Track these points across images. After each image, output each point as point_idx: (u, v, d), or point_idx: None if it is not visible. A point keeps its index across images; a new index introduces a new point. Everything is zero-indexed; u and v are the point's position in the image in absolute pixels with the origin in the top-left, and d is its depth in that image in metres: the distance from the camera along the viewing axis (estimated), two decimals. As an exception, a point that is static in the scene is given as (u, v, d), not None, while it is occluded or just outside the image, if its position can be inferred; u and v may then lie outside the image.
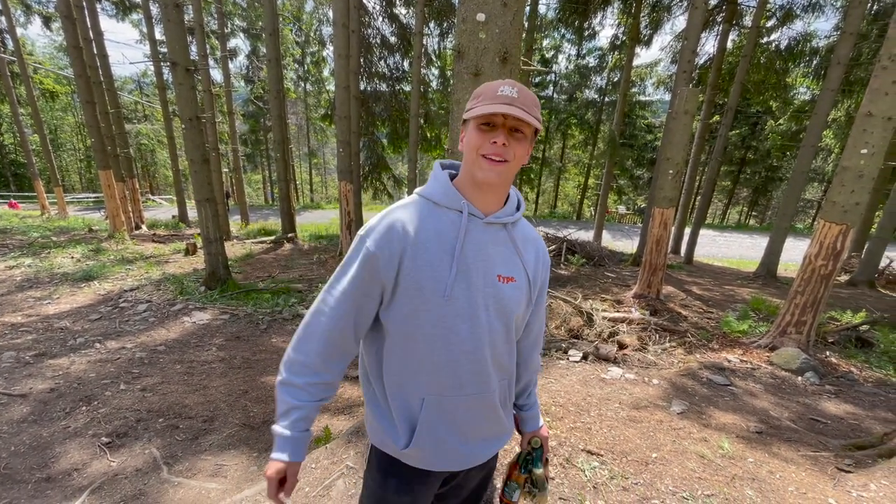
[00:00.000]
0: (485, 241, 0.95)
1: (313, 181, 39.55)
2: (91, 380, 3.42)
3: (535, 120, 0.87)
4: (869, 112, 3.85)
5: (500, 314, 0.96)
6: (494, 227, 0.96)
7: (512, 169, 0.90)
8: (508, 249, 0.98)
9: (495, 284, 0.95)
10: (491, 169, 0.88)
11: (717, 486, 2.19)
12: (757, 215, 31.94)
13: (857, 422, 3.08)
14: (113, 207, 9.95)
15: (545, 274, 1.08)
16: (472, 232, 0.93)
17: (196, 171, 5.77)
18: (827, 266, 4.11)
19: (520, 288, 0.99)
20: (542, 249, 1.07)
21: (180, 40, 5.42)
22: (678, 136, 5.74)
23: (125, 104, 29.06)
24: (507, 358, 1.04)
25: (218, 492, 2.25)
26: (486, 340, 0.96)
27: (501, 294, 0.96)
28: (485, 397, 1.02)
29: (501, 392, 1.06)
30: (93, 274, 6.53)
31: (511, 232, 0.99)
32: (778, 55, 11.02)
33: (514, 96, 0.86)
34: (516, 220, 1.00)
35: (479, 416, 1.04)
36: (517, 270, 0.99)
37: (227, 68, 13.15)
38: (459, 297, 0.91)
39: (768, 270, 9.08)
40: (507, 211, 0.98)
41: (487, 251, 0.95)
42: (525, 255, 1.01)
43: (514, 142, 0.88)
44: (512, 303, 0.97)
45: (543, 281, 1.08)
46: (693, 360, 4.10)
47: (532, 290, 1.02)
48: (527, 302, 1.01)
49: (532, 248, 1.04)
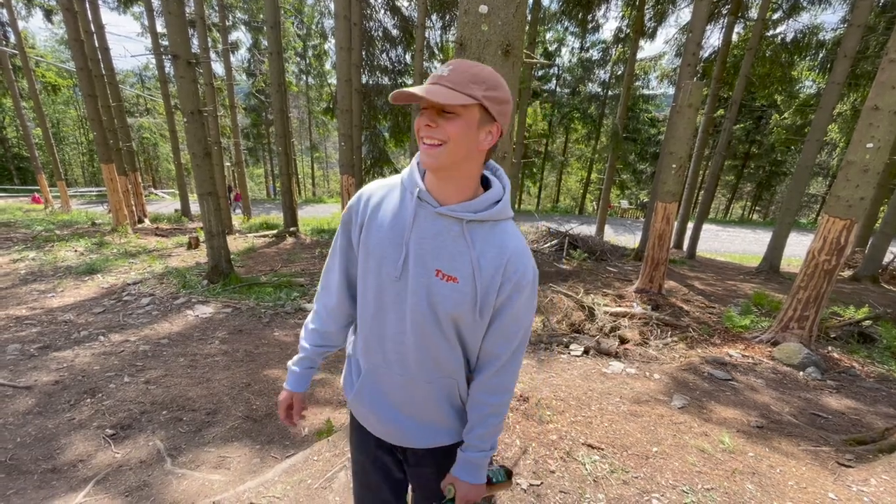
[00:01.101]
0: (432, 231, 0.91)
1: (315, 175, 39.52)
2: (95, 372, 3.45)
3: (455, 96, 0.78)
4: (875, 106, 3.81)
5: (431, 307, 0.92)
6: (448, 220, 0.90)
7: (451, 151, 0.82)
8: (459, 247, 0.90)
9: (430, 277, 0.91)
10: (425, 153, 0.84)
11: (717, 480, 2.20)
12: (760, 210, 31.81)
13: (858, 417, 3.08)
14: (116, 201, 9.97)
15: (512, 296, 0.92)
16: (420, 217, 0.92)
17: (198, 165, 5.76)
18: (830, 261, 4.09)
19: (461, 291, 0.90)
20: (516, 269, 0.91)
21: (181, 33, 5.40)
22: (682, 130, 5.70)
23: (127, 98, 29.02)
24: (445, 357, 0.98)
25: (221, 483, 2.27)
26: (410, 329, 0.95)
27: (434, 289, 0.91)
28: (418, 385, 1.00)
29: (447, 389, 1.02)
30: (96, 267, 6.56)
31: (469, 230, 0.90)
32: (784, 48, 10.91)
33: (444, 74, 0.80)
34: (479, 219, 0.90)
35: (417, 400, 1.03)
36: (463, 272, 0.90)
37: (228, 61, 13.12)
38: (406, 282, 0.93)
39: (771, 265, 9.05)
40: (472, 206, 0.90)
41: (432, 242, 0.91)
42: (481, 260, 0.90)
43: (443, 122, 0.81)
44: (447, 301, 0.91)
45: (504, 303, 0.93)
46: (694, 354, 4.10)
47: (478, 301, 0.90)
48: (470, 308, 0.91)
49: (496, 259, 0.90)
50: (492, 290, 0.91)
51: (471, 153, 0.85)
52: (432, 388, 1.01)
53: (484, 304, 0.91)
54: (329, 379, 3.60)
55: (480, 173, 0.93)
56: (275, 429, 2.86)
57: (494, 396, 1.00)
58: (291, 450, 2.60)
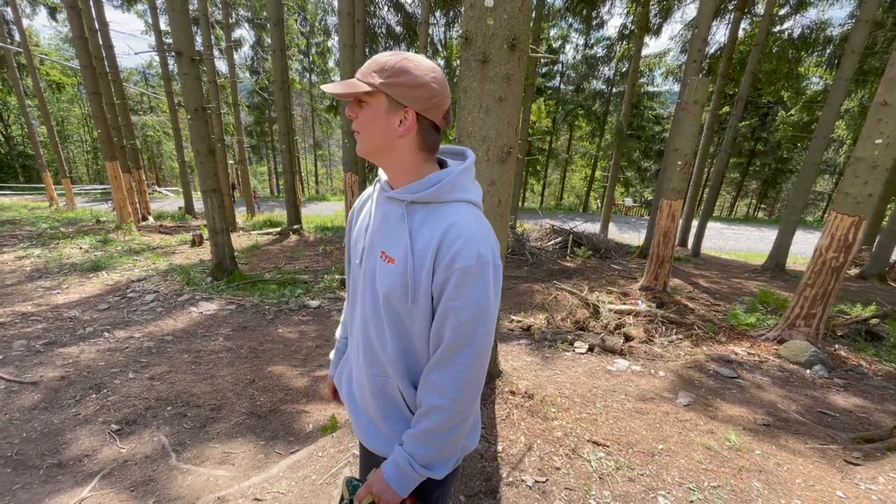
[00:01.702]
0: (382, 214, 0.94)
1: (319, 173, 39.55)
2: (100, 368, 3.46)
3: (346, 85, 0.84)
4: (884, 101, 3.76)
5: (373, 290, 0.93)
6: (394, 203, 0.92)
7: (364, 139, 0.88)
8: (400, 229, 0.89)
9: (376, 258, 0.93)
10: (356, 143, 0.91)
11: (723, 478, 2.18)
12: (766, 208, 31.61)
13: (866, 415, 3.05)
14: (120, 199, 10.01)
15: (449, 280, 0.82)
16: (378, 203, 0.96)
17: (202, 163, 5.77)
18: (838, 258, 4.06)
19: (395, 272, 0.87)
20: (450, 248, 0.82)
21: (185, 30, 5.40)
22: (687, 127, 5.65)
23: (131, 95, 29.10)
24: (378, 343, 0.95)
25: (226, 479, 2.28)
26: (359, 313, 0.99)
27: (377, 271, 0.92)
28: (364, 378, 1.00)
29: (387, 391, 0.97)
30: (101, 264, 6.59)
31: (409, 211, 0.89)
32: (791, 44, 10.81)
33: (360, 69, 0.86)
34: (420, 199, 0.87)
35: (366, 395, 1.02)
36: (399, 253, 0.88)
37: (231, 59, 13.12)
38: (363, 264, 0.97)
39: (777, 263, 8.99)
40: (411, 188, 0.89)
41: (380, 224, 0.94)
42: (415, 241, 0.86)
43: (360, 112, 0.87)
44: (383, 283, 0.89)
45: (440, 289, 0.84)
46: (700, 352, 4.08)
47: (409, 283, 0.86)
48: (402, 291, 0.87)
49: (429, 238, 0.85)
50: (425, 273, 0.85)
51: (389, 140, 0.87)
52: (376, 386, 0.98)
53: (416, 287, 0.86)
54: (333, 375, 3.60)
55: (418, 161, 0.90)
56: (279, 425, 2.86)
57: (430, 396, 0.89)
58: (296, 446, 2.60)
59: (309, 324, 4.85)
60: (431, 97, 0.84)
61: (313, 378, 3.54)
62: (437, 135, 0.90)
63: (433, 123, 0.88)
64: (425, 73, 0.83)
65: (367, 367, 0.98)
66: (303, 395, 3.26)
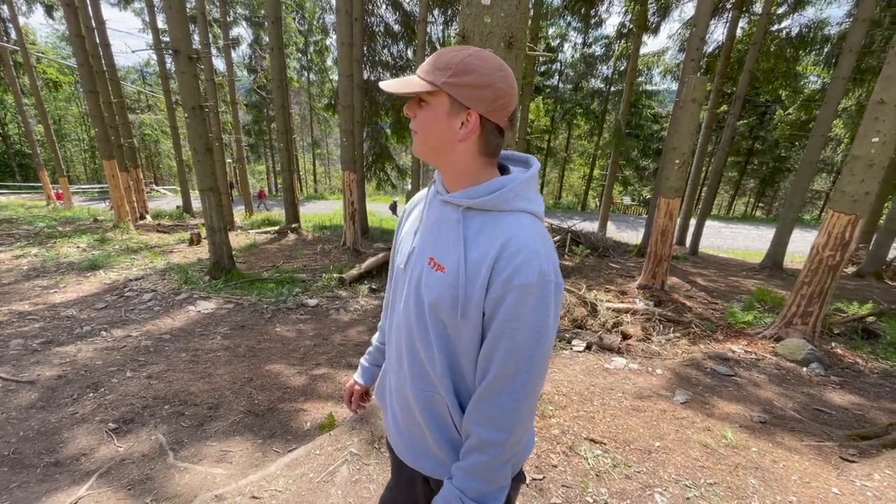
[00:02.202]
0: (434, 218, 0.89)
1: (317, 171, 39.51)
2: (98, 367, 3.46)
3: (407, 84, 0.79)
4: (881, 100, 3.77)
5: (418, 298, 0.87)
6: (449, 207, 0.85)
7: (421, 141, 0.83)
8: (454, 235, 0.83)
9: (423, 265, 0.87)
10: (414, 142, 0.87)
11: (719, 475, 2.19)
12: (763, 206, 31.69)
13: (861, 412, 3.07)
14: (117, 197, 9.99)
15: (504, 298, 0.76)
16: (431, 206, 0.91)
17: (199, 161, 5.76)
18: (835, 256, 4.07)
19: (445, 282, 0.81)
20: (508, 264, 0.75)
21: (182, 28, 5.38)
22: (685, 126, 5.66)
23: (128, 94, 29.02)
24: (425, 356, 0.88)
25: (223, 477, 2.28)
26: (403, 322, 0.92)
27: (424, 279, 0.85)
28: (408, 393, 0.93)
29: (435, 408, 0.90)
30: (98, 263, 6.58)
31: (466, 218, 0.83)
32: (788, 43, 10.82)
33: (422, 64, 0.81)
34: (477, 206, 0.81)
35: (409, 411, 0.95)
36: (451, 262, 0.81)
37: (229, 57, 13.09)
38: (411, 273, 0.91)
39: (774, 262, 9.02)
40: (470, 192, 0.82)
41: (432, 229, 0.88)
42: (470, 251, 0.80)
43: (419, 112, 0.82)
44: (431, 291, 0.83)
45: (496, 307, 0.77)
46: (697, 350, 4.09)
47: (460, 297, 0.79)
48: (451, 304, 0.80)
49: (486, 250, 0.78)
50: (478, 287, 0.78)
51: (448, 143, 0.81)
52: (421, 401, 0.91)
53: (467, 301, 0.79)
54: (331, 374, 3.61)
55: (478, 166, 0.83)
56: (276, 423, 2.86)
57: (482, 429, 0.81)
58: (293, 444, 2.61)
59: (307, 322, 4.85)
60: (497, 98, 0.77)
61: (311, 377, 3.55)
62: (501, 138, 0.83)
63: (497, 126, 0.81)
64: (492, 72, 0.77)
65: (413, 379, 0.91)
66: (301, 394, 3.26)
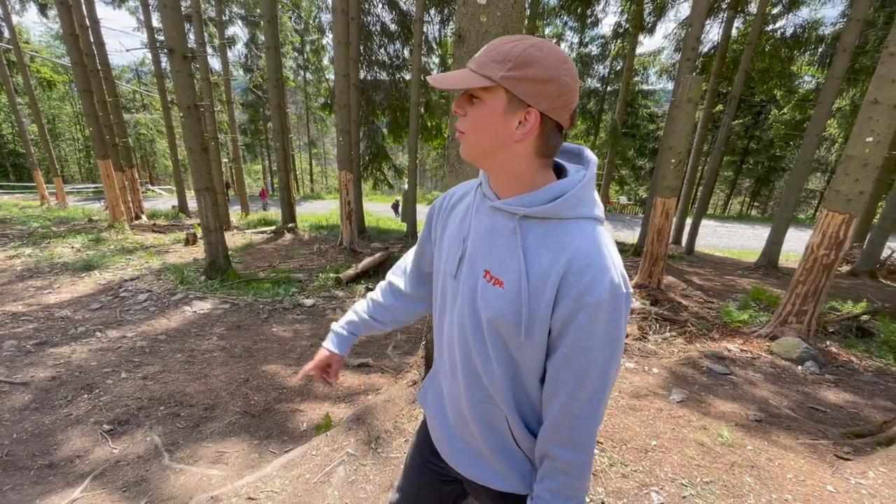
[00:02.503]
0: (486, 226, 0.81)
1: (313, 171, 39.41)
2: (92, 368, 3.44)
3: (468, 80, 0.69)
4: (875, 99, 3.79)
5: (475, 312, 0.81)
6: (502, 215, 0.78)
7: (473, 142, 0.74)
8: (510, 247, 0.76)
9: (477, 277, 0.80)
10: (460, 143, 0.78)
11: (715, 474, 2.20)
12: (758, 206, 31.85)
13: (856, 410, 3.09)
14: (112, 197, 9.93)
15: (575, 316, 0.71)
16: (479, 213, 0.83)
17: (195, 161, 5.73)
18: (829, 255, 4.09)
19: (505, 299, 0.76)
20: (578, 280, 0.70)
21: (177, 27, 5.35)
22: (681, 125, 5.68)
23: (123, 93, 28.85)
24: (482, 370, 0.83)
25: (219, 478, 2.27)
26: (457, 334, 0.86)
27: (480, 292, 0.79)
28: (464, 403, 0.89)
29: (493, 419, 0.87)
30: (93, 264, 6.54)
31: (523, 228, 0.76)
32: (783, 43, 10.88)
33: (475, 57, 0.72)
34: (536, 214, 0.74)
35: (466, 420, 0.91)
36: (510, 277, 0.75)
37: (225, 56, 13.03)
38: (460, 282, 0.85)
39: (769, 261, 9.06)
40: (526, 200, 0.75)
41: (483, 238, 0.81)
42: (531, 265, 0.74)
43: (470, 109, 0.73)
44: (489, 308, 0.77)
45: (565, 325, 0.72)
46: (693, 349, 4.10)
47: (524, 316, 0.74)
48: (514, 322, 0.75)
49: (550, 265, 0.72)
50: (542, 303, 0.72)
51: (503, 144, 0.72)
52: (477, 412, 0.87)
53: (532, 320, 0.74)
54: (327, 374, 3.59)
55: (534, 168, 0.76)
56: (273, 424, 2.85)
57: (564, 451, 0.78)
58: (290, 445, 2.60)
59: (303, 322, 4.84)
60: (561, 94, 0.69)
61: (307, 377, 3.54)
62: (561, 138, 0.75)
63: (557, 124, 0.72)
64: (557, 65, 0.68)
65: (469, 390, 0.87)
66: (297, 395, 3.25)
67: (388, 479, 2.11)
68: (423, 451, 1.09)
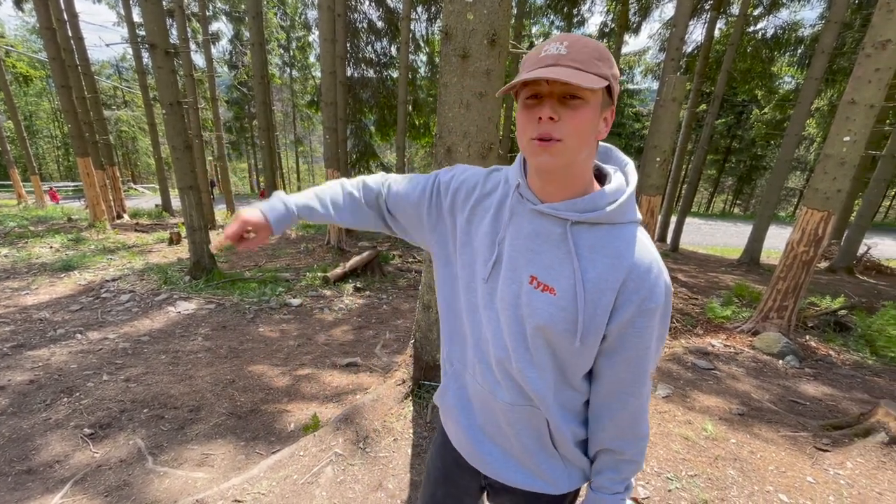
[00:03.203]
0: (528, 231, 0.77)
1: (300, 170, 39.03)
2: (72, 371, 3.35)
3: (589, 78, 0.63)
4: (852, 100, 3.89)
5: (518, 319, 0.78)
6: (549, 220, 0.75)
7: (574, 148, 0.67)
8: (560, 253, 0.74)
9: (521, 283, 0.77)
10: (542, 152, 0.68)
11: (700, 467, 2.24)
12: (741, 204, 32.47)
13: (834, 403, 3.17)
14: (93, 196, 9.70)
15: (636, 323, 0.73)
16: (518, 216, 0.79)
17: (178, 158, 5.63)
18: (808, 252, 4.19)
19: (558, 306, 0.74)
20: (639, 287, 0.71)
21: (158, 21, 5.24)
22: (665, 124, 5.75)
23: (104, 89, 28.19)
24: (529, 379, 0.80)
25: (205, 481, 2.23)
26: (492, 338, 0.83)
27: (525, 298, 0.76)
28: (499, 406, 0.86)
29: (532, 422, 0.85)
30: (73, 264, 6.38)
31: (574, 234, 0.74)
32: (764, 44, 11.10)
33: (562, 53, 0.65)
34: (588, 220, 0.73)
35: (500, 424, 0.89)
36: (563, 284, 0.73)
37: (209, 52, 12.80)
38: (496, 285, 0.81)
39: (751, 258, 9.25)
40: (578, 205, 0.73)
41: (527, 243, 0.77)
42: (587, 272, 0.72)
43: (568, 112, 0.66)
44: (537, 314, 0.75)
45: (626, 331, 0.74)
46: (678, 345, 4.17)
47: (580, 324, 0.73)
48: (568, 330, 0.74)
49: (608, 272, 0.71)
50: (600, 311, 0.72)
51: (590, 145, 0.71)
52: (514, 415, 0.85)
53: (589, 328, 0.73)
54: (315, 374, 3.57)
55: (590, 170, 0.76)
56: (259, 425, 2.82)
57: (629, 444, 0.83)
58: (277, 446, 2.57)
59: (290, 322, 4.79)
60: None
61: (295, 377, 3.50)
62: None
63: None
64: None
65: (506, 393, 0.85)
66: (284, 395, 3.22)
67: (377, 479, 2.10)
68: (445, 461, 1.05)
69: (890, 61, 3.71)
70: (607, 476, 0.86)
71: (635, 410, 0.80)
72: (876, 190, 9.00)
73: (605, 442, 0.85)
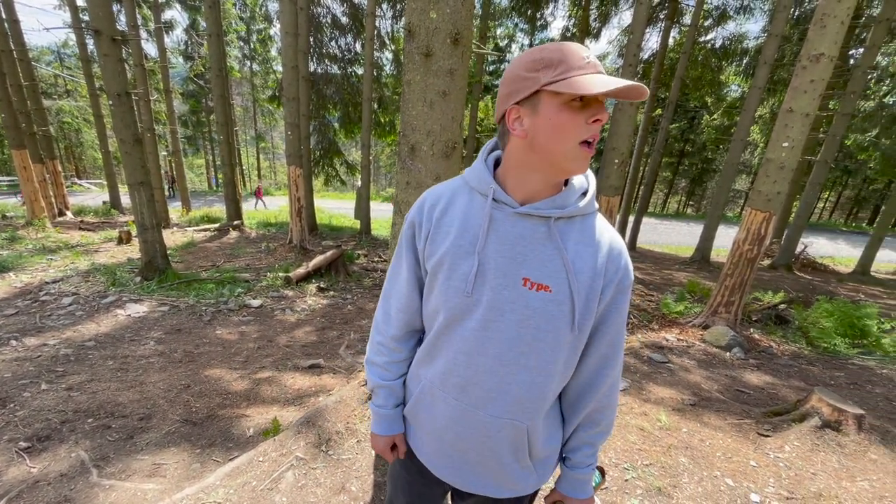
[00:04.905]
0: (513, 234, 0.78)
1: (261, 166, 37.76)
2: (6, 380, 3.10)
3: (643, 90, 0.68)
4: (790, 108, 4.17)
5: (516, 325, 0.78)
6: (531, 220, 0.77)
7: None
8: (548, 250, 0.77)
9: (515, 288, 0.77)
10: (587, 157, 0.72)
11: (654, 457, 2.34)
12: (693, 204, 34.17)
13: (775, 391, 3.40)
14: (30, 192, 9.00)
15: (617, 300, 0.81)
16: (497, 222, 0.79)
17: (128, 153, 5.31)
18: (753, 250, 4.46)
19: (555, 301, 0.76)
20: (617, 268, 0.79)
21: (104, 6, 4.92)
22: (623, 127, 5.97)
23: (43, 77, 26.21)
24: (521, 387, 0.81)
25: (156, 492, 2.12)
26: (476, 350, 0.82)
27: (522, 301, 0.77)
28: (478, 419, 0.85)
29: (512, 435, 0.85)
30: (7, 265, 5.90)
31: (557, 228, 0.77)
32: (713, 53, 11.73)
33: (596, 62, 0.69)
34: (568, 214, 0.77)
35: (473, 438, 0.87)
36: (556, 279, 0.76)
37: (162, 42, 12.14)
38: (480, 296, 0.80)
39: (703, 256, 9.76)
40: (557, 202, 0.77)
41: (513, 247, 0.78)
42: (576, 263, 0.77)
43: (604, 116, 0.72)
44: (537, 315, 0.77)
45: (608, 310, 0.81)
46: (635, 340, 4.34)
47: (577, 310, 0.76)
48: (566, 322, 0.77)
49: (592, 259, 0.77)
50: (592, 296, 0.78)
51: None
52: (493, 428, 0.85)
53: (584, 315, 0.78)
54: (276, 377, 3.47)
55: None
56: (216, 431, 2.71)
57: (606, 414, 0.90)
58: (235, 452, 2.48)
59: (250, 324, 4.63)
60: None
61: (254, 381, 3.39)
62: None
63: None
64: None
65: (491, 408, 0.84)
66: (243, 399, 3.11)
67: (340, 482, 2.07)
68: (410, 471, 1.04)
69: (823, 73, 4.00)
70: (584, 452, 0.92)
71: (614, 381, 0.88)
72: (812, 192, 9.72)
73: (585, 416, 0.90)
